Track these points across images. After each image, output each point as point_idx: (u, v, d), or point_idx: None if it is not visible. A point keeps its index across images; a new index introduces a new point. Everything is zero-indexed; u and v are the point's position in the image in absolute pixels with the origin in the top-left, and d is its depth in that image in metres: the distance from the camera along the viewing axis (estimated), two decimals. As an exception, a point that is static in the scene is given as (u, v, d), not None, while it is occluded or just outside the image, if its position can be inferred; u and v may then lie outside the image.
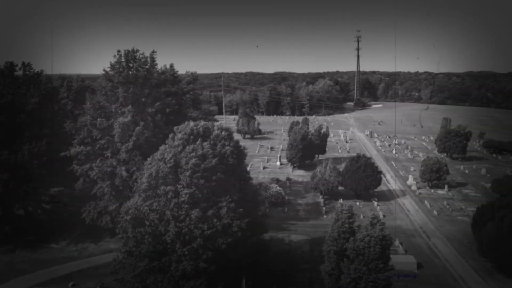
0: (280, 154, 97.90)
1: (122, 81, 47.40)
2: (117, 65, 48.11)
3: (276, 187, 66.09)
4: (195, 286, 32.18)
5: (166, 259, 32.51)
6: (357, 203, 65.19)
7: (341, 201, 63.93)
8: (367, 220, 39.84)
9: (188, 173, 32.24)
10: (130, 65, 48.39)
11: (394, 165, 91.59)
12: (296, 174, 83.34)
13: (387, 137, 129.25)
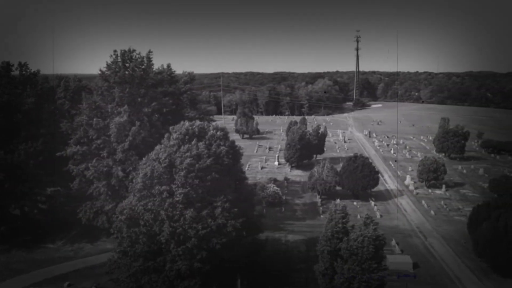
0: (278, 154, 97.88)
1: (118, 81, 47.35)
2: (113, 65, 48.07)
3: (274, 187, 66.02)
4: (189, 286, 32.22)
5: (160, 259, 32.55)
6: (355, 203, 65.21)
7: (336, 201, 63.85)
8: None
9: (183, 173, 32.29)
10: (127, 65, 48.35)
11: (392, 165, 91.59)
12: (294, 174, 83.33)
13: (386, 137, 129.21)
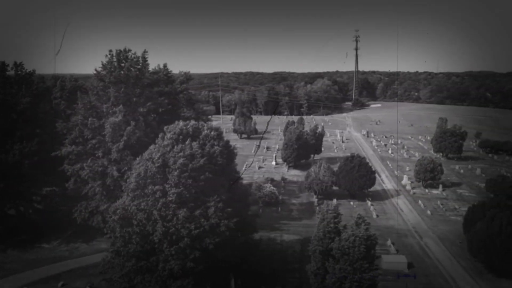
0: (275, 154, 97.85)
1: (113, 81, 47.30)
2: (109, 65, 48.07)
3: (270, 186, 65.99)
4: (182, 285, 32.22)
5: (153, 258, 32.54)
6: (351, 203, 65.21)
7: (333, 201, 63.81)
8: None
9: (176, 172, 32.28)
10: (122, 64, 48.30)
11: (390, 164, 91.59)
12: (291, 174, 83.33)
13: (384, 136, 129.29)
